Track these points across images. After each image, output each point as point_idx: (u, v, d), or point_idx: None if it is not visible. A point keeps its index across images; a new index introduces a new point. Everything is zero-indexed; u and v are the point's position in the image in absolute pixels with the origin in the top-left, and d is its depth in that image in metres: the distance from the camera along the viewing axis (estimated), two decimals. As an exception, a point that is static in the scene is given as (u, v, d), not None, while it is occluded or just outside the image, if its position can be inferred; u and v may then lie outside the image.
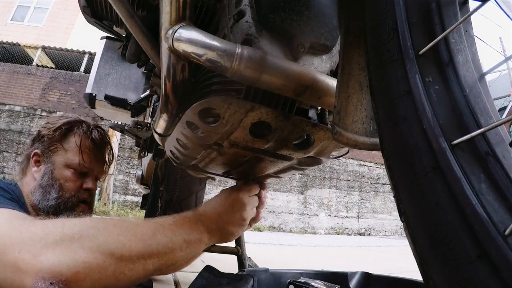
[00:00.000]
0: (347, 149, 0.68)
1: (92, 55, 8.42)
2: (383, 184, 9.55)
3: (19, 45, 8.76)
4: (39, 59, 8.85)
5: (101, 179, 1.05)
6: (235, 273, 0.74)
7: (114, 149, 1.14)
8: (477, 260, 0.25)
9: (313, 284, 0.67)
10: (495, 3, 0.34)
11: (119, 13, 0.64)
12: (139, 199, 7.02)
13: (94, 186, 0.99)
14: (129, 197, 7.40)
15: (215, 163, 0.71)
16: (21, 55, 9.29)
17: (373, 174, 9.56)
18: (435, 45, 0.32)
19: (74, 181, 0.94)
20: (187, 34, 0.52)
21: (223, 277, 0.69)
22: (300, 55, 0.56)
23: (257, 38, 0.54)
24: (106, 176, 1.08)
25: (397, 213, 0.34)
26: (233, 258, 1.07)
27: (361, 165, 9.42)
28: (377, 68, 0.36)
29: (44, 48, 8.79)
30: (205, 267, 0.74)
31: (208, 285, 0.69)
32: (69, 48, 8.89)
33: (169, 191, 1.47)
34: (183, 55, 0.53)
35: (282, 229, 8.22)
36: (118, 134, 6.34)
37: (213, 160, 0.69)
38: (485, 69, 0.34)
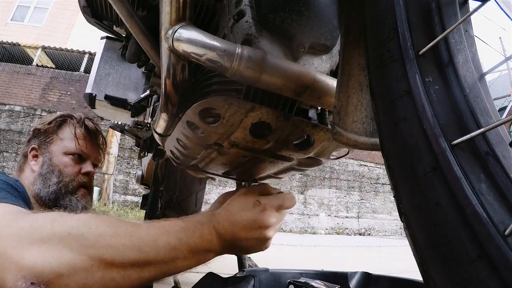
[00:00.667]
0: (347, 150, 0.68)
1: (92, 55, 8.42)
2: (383, 184, 9.55)
3: (19, 45, 8.76)
4: (39, 59, 8.86)
5: (98, 165, 1.08)
6: (236, 275, 0.73)
7: (114, 149, 1.18)
8: (477, 260, 0.25)
9: (313, 284, 0.67)
10: (495, 3, 0.34)
11: (119, 13, 0.64)
12: (139, 199, 7.02)
13: (92, 170, 1.01)
14: (129, 197, 7.40)
15: (215, 163, 0.71)
16: (21, 55, 9.29)
17: (373, 174, 9.56)
18: (435, 45, 0.32)
19: (73, 166, 0.97)
20: (187, 34, 0.52)
21: (224, 281, 0.69)
22: (300, 55, 0.56)
23: (257, 38, 0.54)
24: (102, 163, 1.12)
25: (397, 213, 0.34)
26: (233, 258, 1.07)
27: (361, 165, 9.42)
28: (377, 68, 0.36)
29: (44, 48, 8.79)
30: (207, 273, 0.73)
31: (209, 286, 0.69)
32: (69, 48, 8.90)
33: (169, 191, 1.47)
34: (183, 55, 0.53)
35: (282, 229, 8.21)
36: (118, 134, 6.34)
37: (213, 160, 0.69)
38: (485, 69, 0.34)
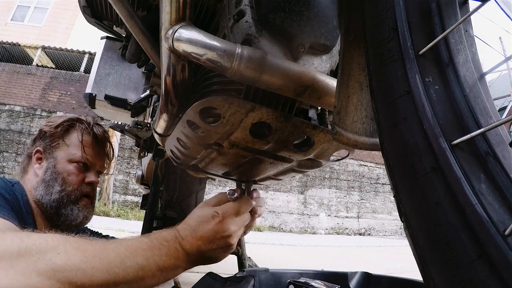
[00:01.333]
0: (347, 152, 0.68)
1: (92, 55, 8.42)
2: (383, 184, 9.55)
3: (19, 45, 8.76)
4: (39, 59, 8.86)
5: (103, 173, 1.05)
6: (236, 275, 0.73)
7: (114, 149, 1.15)
8: (477, 260, 0.25)
9: (313, 284, 0.67)
10: (495, 3, 0.34)
11: (119, 13, 0.64)
12: (139, 199, 7.02)
13: (96, 180, 1.00)
14: (129, 197, 7.40)
15: (215, 163, 0.71)
16: (21, 55, 9.29)
17: (373, 174, 9.56)
18: (435, 45, 0.32)
19: (77, 175, 0.95)
20: (187, 34, 0.52)
21: (224, 281, 0.69)
22: (300, 55, 0.56)
23: (257, 38, 0.54)
24: (108, 171, 1.09)
25: (397, 213, 0.34)
26: (233, 258, 1.07)
27: (361, 165, 9.42)
28: (377, 68, 0.36)
29: (44, 48, 8.80)
30: (207, 273, 0.73)
31: (209, 286, 0.69)
32: (69, 48, 8.90)
33: (169, 191, 1.47)
34: (183, 55, 0.53)
35: (282, 229, 8.22)
36: (118, 134, 6.34)
37: (213, 161, 0.69)
38: (485, 69, 0.34)
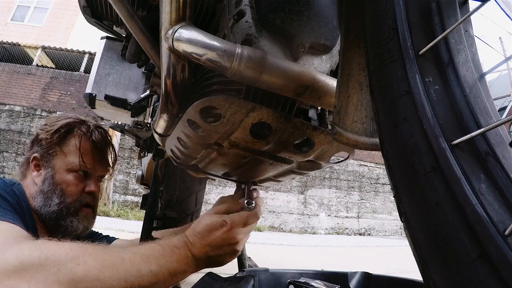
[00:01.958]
0: (347, 155, 0.68)
1: (92, 55, 8.42)
2: (383, 184, 9.55)
3: (19, 45, 8.76)
4: (39, 59, 8.86)
5: (104, 176, 1.01)
6: (236, 275, 0.73)
7: (116, 151, 1.11)
8: (477, 260, 0.25)
9: (313, 284, 0.67)
10: (495, 3, 0.34)
11: (119, 13, 0.64)
12: (139, 199, 7.02)
13: (97, 188, 0.95)
14: (129, 197, 7.40)
15: (215, 163, 0.71)
16: (21, 55, 9.29)
17: (373, 174, 9.56)
18: (435, 45, 0.32)
19: (76, 185, 0.91)
20: (187, 34, 0.52)
21: (224, 281, 0.69)
22: (300, 55, 0.56)
23: (257, 38, 0.54)
24: (111, 177, 1.06)
25: (397, 213, 0.34)
26: (233, 258, 1.07)
27: (361, 165, 9.42)
28: (377, 68, 0.36)
29: (44, 48, 8.79)
30: (207, 273, 0.73)
31: (209, 286, 0.69)
32: (69, 48, 8.90)
33: (169, 191, 1.47)
34: (183, 55, 0.53)
35: (282, 229, 8.22)
36: (118, 134, 6.34)
37: (213, 161, 0.69)
38: (485, 69, 0.34)
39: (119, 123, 1.48)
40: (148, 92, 1.04)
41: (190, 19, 0.55)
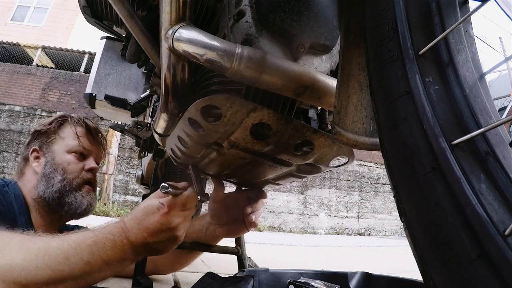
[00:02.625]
0: (347, 159, 0.68)
1: (92, 55, 8.42)
2: (383, 184, 9.55)
3: (19, 45, 8.76)
4: (39, 59, 8.86)
5: (99, 162, 1.07)
6: (236, 275, 0.73)
7: (114, 149, 1.17)
8: (477, 260, 0.25)
9: (313, 284, 0.67)
10: (495, 3, 0.34)
11: (119, 13, 0.64)
12: (139, 199, 7.02)
13: (96, 166, 1.02)
14: (129, 197, 7.40)
15: (215, 164, 0.71)
16: (21, 55, 9.29)
17: (373, 174, 9.55)
18: (435, 45, 0.32)
19: (76, 163, 0.96)
20: (187, 34, 0.52)
21: (224, 281, 0.69)
22: (300, 55, 0.56)
23: (257, 38, 0.54)
24: (104, 161, 1.12)
25: (397, 213, 0.34)
26: (233, 258, 1.07)
27: (361, 165, 9.42)
28: (377, 68, 0.36)
29: (44, 48, 8.79)
30: (207, 273, 0.73)
31: (209, 286, 0.69)
32: (69, 48, 8.90)
33: (169, 191, 1.46)
34: (183, 55, 0.53)
35: (282, 229, 8.22)
36: (118, 134, 6.34)
37: (212, 161, 0.69)
38: (485, 69, 0.34)
39: (119, 123, 1.48)
40: (148, 92, 1.04)
41: (190, 19, 0.55)
